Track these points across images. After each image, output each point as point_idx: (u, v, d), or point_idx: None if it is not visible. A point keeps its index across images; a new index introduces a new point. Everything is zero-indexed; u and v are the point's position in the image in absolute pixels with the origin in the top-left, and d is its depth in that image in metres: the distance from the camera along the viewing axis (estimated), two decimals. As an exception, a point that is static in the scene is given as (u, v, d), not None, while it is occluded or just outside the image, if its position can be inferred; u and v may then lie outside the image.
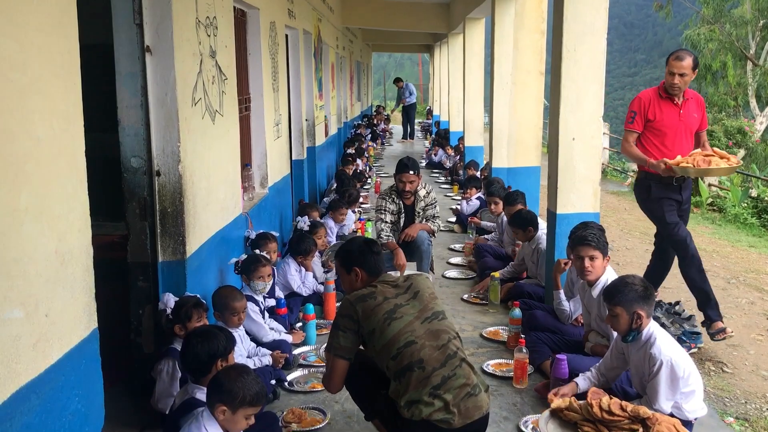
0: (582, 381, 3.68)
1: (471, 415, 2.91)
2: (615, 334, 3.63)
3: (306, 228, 6.03)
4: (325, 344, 3.22)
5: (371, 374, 3.21)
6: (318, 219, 6.66)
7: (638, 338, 3.42)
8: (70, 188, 2.49)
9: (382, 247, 5.99)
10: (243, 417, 2.78)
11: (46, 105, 2.32)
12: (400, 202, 6.18)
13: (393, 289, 3.16)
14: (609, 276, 4.09)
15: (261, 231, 5.21)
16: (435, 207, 6.29)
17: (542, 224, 5.90)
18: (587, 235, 4.11)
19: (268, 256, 4.85)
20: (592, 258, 4.09)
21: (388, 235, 6.04)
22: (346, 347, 3.07)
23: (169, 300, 3.54)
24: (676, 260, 5.59)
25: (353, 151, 12.61)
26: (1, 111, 2.06)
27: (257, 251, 4.81)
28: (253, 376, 2.86)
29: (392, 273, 3.40)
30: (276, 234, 5.30)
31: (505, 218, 6.74)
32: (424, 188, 6.30)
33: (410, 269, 5.75)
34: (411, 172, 6.03)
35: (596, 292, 4.11)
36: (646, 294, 3.42)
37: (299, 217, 6.25)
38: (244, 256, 4.59)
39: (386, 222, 6.11)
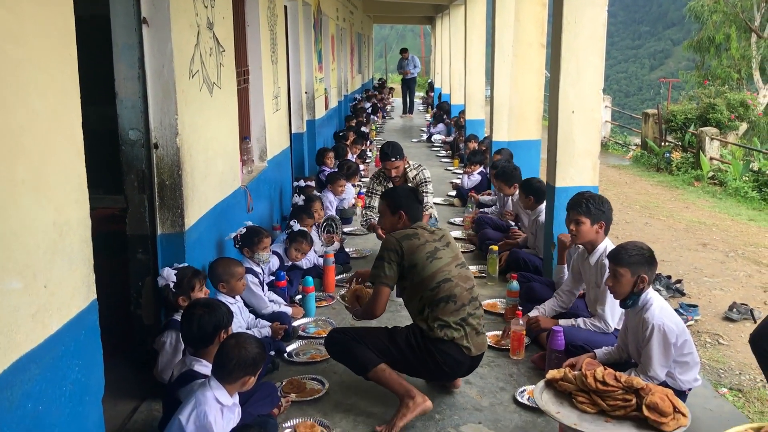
0: (601, 354, 3.73)
1: (480, 349, 3.62)
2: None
3: (301, 203, 6.03)
4: (369, 277, 3.65)
5: (368, 348, 3.55)
6: (314, 192, 6.67)
7: (636, 303, 3.45)
8: (67, 160, 2.49)
9: (368, 229, 6.07)
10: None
11: (42, 77, 2.32)
12: (389, 185, 6.16)
13: (430, 234, 3.66)
14: (608, 245, 4.11)
15: (251, 226, 4.77)
16: (427, 185, 6.15)
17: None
18: (577, 200, 4.16)
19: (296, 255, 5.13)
20: (577, 222, 4.13)
21: (371, 216, 6.09)
22: (391, 276, 3.55)
23: (170, 274, 3.56)
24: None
25: (353, 125, 12.57)
26: (-3, 83, 2.06)
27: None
28: (253, 340, 2.88)
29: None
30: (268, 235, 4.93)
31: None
32: (414, 169, 6.21)
33: None
34: (392, 159, 6.02)
35: (593, 259, 4.14)
36: (652, 259, 3.46)
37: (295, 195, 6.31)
38: (243, 230, 4.60)
39: (371, 207, 6.16)
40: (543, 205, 5.66)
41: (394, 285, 3.61)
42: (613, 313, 4.04)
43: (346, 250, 6.34)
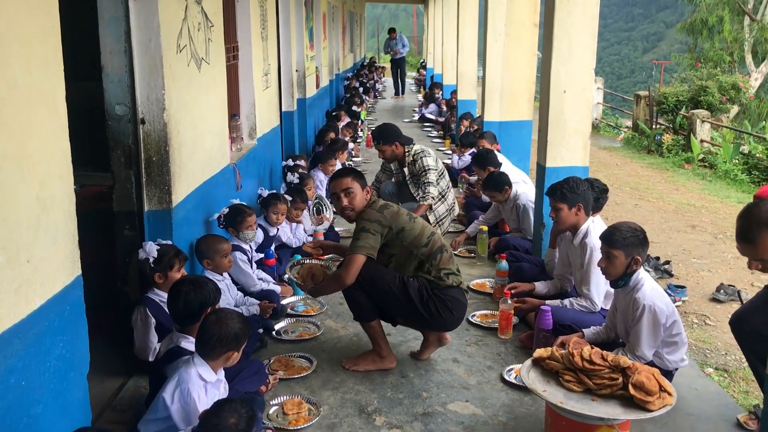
0: (590, 333, 3.76)
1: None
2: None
3: (296, 181, 6.02)
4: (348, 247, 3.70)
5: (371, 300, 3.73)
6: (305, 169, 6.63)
7: (628, 283, 3.46)
8: (51, 134, 2.46)
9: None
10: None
11: (23, 49, 2.27)
12: (390, 166, 6.57)
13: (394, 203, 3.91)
14: (592, 226, 4.12)
15: (237, 204, 4.71)
16: (428, 174, 6.13)
17: (521, 183, 5.94)
18: (552, 188, 4.23)
19: (276, 217, 5.13)
20: (556, 210, 4.18)
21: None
22: (374, 246, 3.64)
23: (152, 249, 3.53)
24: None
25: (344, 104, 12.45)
26: (-24, 53, 2.01)
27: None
28: (235, 315, 2.87)
29: None
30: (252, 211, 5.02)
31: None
32: (412, 156, 6.19)
33: None
34: (378, 143, 6.21)
35: (577, 240, 4.15)
36: (645, 240, 3.46)
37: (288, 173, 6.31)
38: (226, 210, 4.55)
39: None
40: (515, 189, 5.67)
41: (374, 255, 3.66)
42: (599, 292, 4.06)
43: (336, 229, 6.32)
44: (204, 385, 2.73)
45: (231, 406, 2.43)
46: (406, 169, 6.25)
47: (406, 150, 6.19)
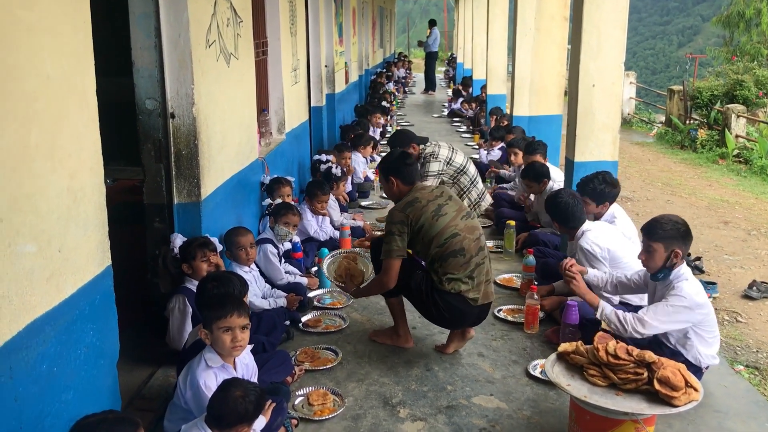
0: (561, 284, 3.87)
1: (488, 298, 3.80)
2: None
3: (339, 172, 6.23)
4: (381, 252, 3.77)
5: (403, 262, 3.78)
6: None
7: (668, 276, 3.41)
8: (82, 126, 2.51)
9: None
10: (220, 332, 2.70)
11: (55, 43, 2.33)
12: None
13: (430, 193, 3.81)
14: (592, 227, 4.17)
15: (275, 175, 5.25)
16: (425, 180, 6.04)
17: (558, 175, 5.86)
18: (580, 183, 4.31)
19: (282, 199, 5.00)
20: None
21: None
22: (402, 247, 3.72)
23: (176, 240, 3.60)
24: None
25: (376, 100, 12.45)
26: (10, 48, 2.07)
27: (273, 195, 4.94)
28: (221, 282, 2.94)
29: None
30: (291, 179, 5.33)
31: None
32: (423, 157, 6.14)
33: None
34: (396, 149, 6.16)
35: (575, 241, 4.22)
36: (687, 233, 3.40)
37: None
38: (279, 200, 4.71)
39: None
40: (551, 183, 5.61)
41: (405, 254, 3.75)
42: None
43: (359, 223, 6.31)
44: (212, 370, 2.73)
45: (237, 382, 2.47)
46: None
47: (421, 150, 6.20)
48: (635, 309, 3.65)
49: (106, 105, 2.66)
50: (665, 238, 3.36)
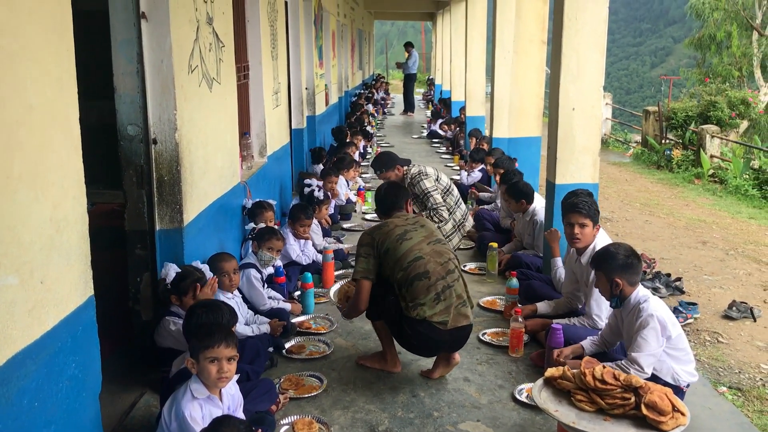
0: (588, 344, 3.77)
1: (460, 322, 3.71)
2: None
3: (321, 196, 6.17)
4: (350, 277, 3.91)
5: (382, 285, 3.80)
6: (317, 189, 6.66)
7: (626, 303, 3.49)
8: (65, 155, 2.48)
9: None
10: (207, 362, 2.68)
11: (38, 71, 2.30)
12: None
13: (403, 221, 3.89)
14: (598, 243, 4.11)
15: (257, 200, 5.22)
16: (429, 198, 6.05)
17: (540, 199, 5.90)
18: (578, 203, 4.13)
19: (264, 224, 4.93)
20: (582, 225, 4.12)
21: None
22: (368, 269, 3.76)
23: (170, 271, 3.55)
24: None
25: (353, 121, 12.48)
26: (-7, 77, 2.04)
27: (255, 220, 4.89)
28: (210, 310, 2.92)
29: None
30: (273, 202, 5.30)
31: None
32: (409, 178, 6.13)
33: None
34: (381, 172, 6.21)
35: (585, 259, 4.13)
36: (627, 263, 3.48)
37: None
38: (262, 225, 4.68)
39: None
40: (535, 204, 5.66)
41: (374, 277, 3.79)
42: (601, 311, 4.05)
43: (343, 247, 6.29)
44: (197, 402, 2.70)
45: (227, 421, 2.43)
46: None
47: (405, 171, 6.21)
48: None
49: (83, 127, 2.62)
50: (605, 268, 3.50)
